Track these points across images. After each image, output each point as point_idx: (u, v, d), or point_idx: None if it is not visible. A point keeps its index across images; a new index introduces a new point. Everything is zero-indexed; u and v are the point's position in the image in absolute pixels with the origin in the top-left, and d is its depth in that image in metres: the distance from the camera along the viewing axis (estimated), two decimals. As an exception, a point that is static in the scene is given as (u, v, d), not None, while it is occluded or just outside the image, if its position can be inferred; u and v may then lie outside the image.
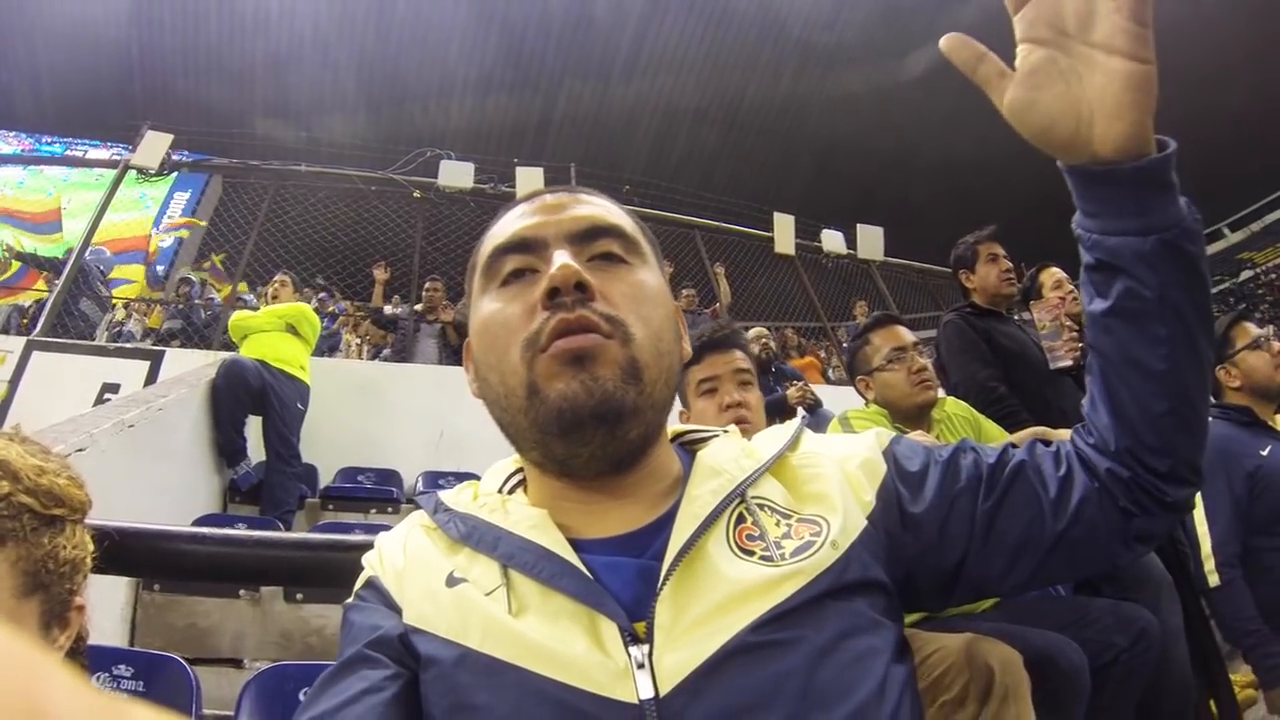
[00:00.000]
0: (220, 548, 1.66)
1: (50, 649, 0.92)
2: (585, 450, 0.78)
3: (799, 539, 0.77)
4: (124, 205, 14.06)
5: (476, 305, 0.88)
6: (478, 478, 4.09)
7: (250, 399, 4.97)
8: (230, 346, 5.80)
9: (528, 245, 0.85)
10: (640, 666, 0.68)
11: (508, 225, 0.89)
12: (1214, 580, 2.56)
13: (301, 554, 1.74)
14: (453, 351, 7.17)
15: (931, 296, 10.63)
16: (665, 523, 0.78)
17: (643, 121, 22.04)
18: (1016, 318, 3.67)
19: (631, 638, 0.70)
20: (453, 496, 0.89)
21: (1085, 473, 0.83)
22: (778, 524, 0.79)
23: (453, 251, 8.69)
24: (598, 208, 0.89)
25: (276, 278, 6.02)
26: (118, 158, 9.47)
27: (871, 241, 10.06)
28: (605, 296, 0.81)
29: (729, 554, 0.75)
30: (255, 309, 6.34)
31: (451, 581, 0.78)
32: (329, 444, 5.78)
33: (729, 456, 0.85)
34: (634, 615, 0.71)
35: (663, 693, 0.67)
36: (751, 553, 0.75)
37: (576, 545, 0.77)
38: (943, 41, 0.81)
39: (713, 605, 0.71)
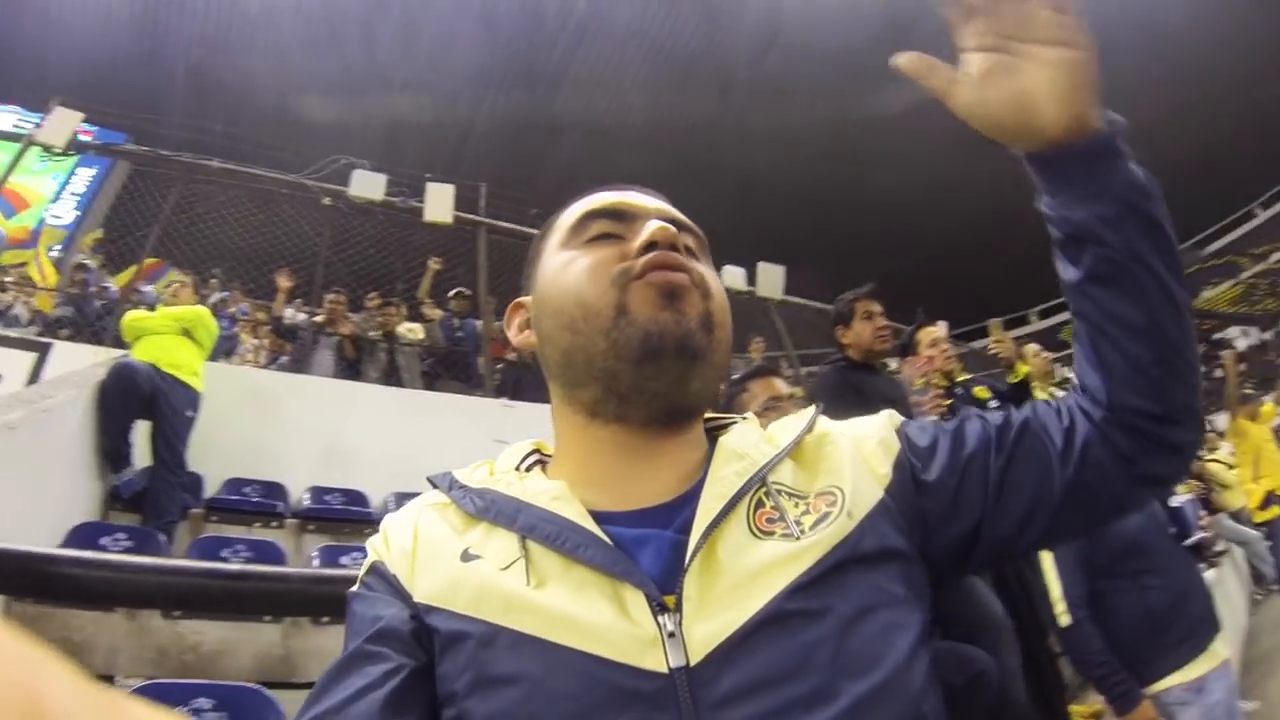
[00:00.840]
0: (106, 573, 1.75)
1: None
2: (654, 384, 0.80)
3: (817, 513, 0.78)
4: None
5: (554, 256, 0.90)
6: (363, 495, 4.30)
7: (139, 404, 4.90)
8: (122, 343, 5.66)
9: (620, 214, 0.89)
10: (671, 635, 0.69)
11: (597, 198, 0.92)
12: (1065, 621, 2.81)
13: (181, 580, 1.85)
14: (349, 365, 7.18)
15: (829, 337, 10.92)
16: (689, 500, 0.79)
17: (562, 143, 22.17)
18: (892, 369, 3.91)
19: (660, 607, 0.70)
20: (467, 474, 0.89)
21: (1086, 421, 0.84)
22: (796, 505, 0.80)
23: (357, 263, 8.61)
24: (675, 209, 0.94)
25: (176, 278, 5.96)
26: (21, 126, 9.17)
27: (771, 280, 10.25)
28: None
29: (750, 535, 0.76)
30: (152, 306, 6.25)
31: (466, 558, 0.77)
32: (218, 450, 5.71)
33: (750, 442, 0.86)
34: (662, 587, 0.72)
35: (693, 662, 0.68)
36: (772, 533, 0.76)
37: (597, 517, 0.78)
38: (897, 59, 0.86)
39: (739, 579, 0.72)
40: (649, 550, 0.75)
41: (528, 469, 0.91)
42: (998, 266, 24.91)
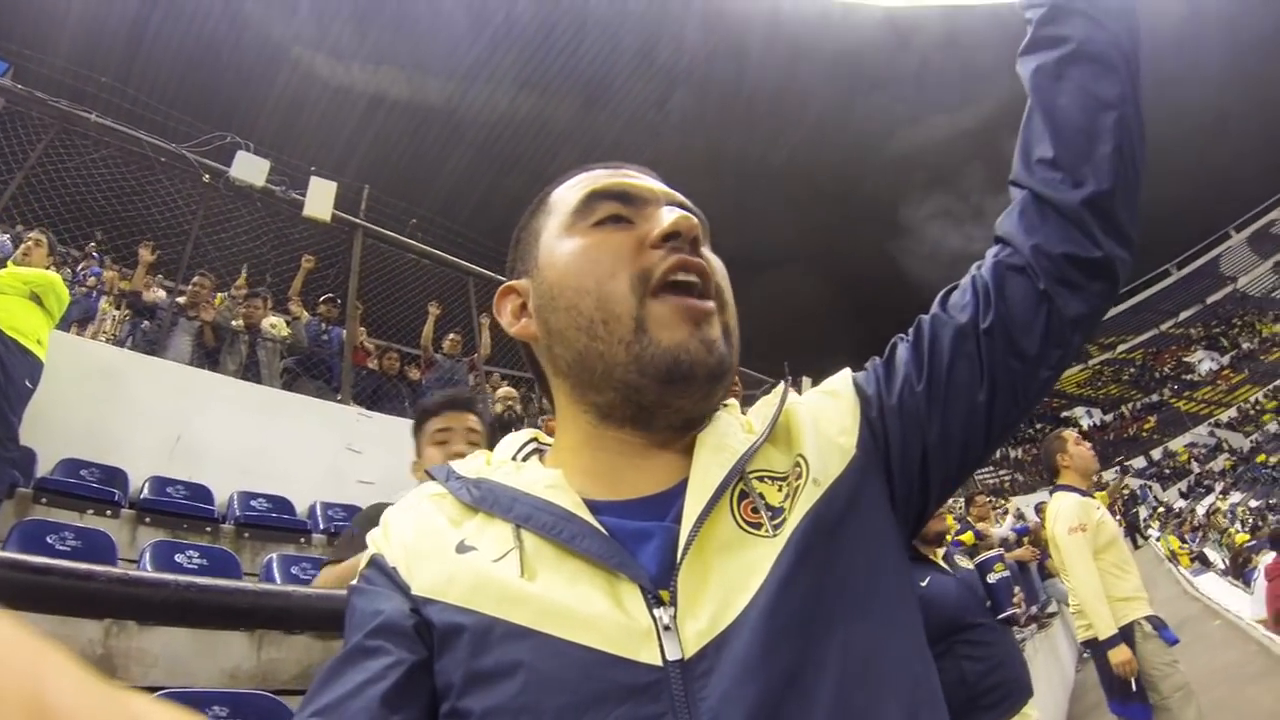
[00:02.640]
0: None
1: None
2: (679, 402, 0.80)
3: (793, 491, 0.78)
4: None
5: (560, 241, 0.87)
6: (208, 490, 4.18)
7: (-29, 367, 4.54)
8: None
9: (630, 197, 0.87)
10: (666, 629, 0.68)
11: (600, 177, 0.90)
12: None
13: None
14: (206, 354, 6.93)
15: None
16: (678, 493, 0.78)
17: (451, 159, 21.84)
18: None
19: (655, 600, 0.70)
20: (464, 465, 0.88)
21: (995, 273, 0.87)
22: (779, 489, 0.79)
23: (227, 247, 8.36)
24: (676, 193, 0.91)
25: (30, 236, 5.60)
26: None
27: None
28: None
29: (737, 528, 0.75)
30: (3, 262, 5.84)
31: (461, 549, 0.76)
32: (57, 426, 5.43)
33: (730, 432, 0.84)
34: (658, 581, 0.71)
35: (687, 655, 0.67)
36: (758, 524, 0.75)
37: (592, 506, 0.77)
38: None
39: (729, 573, 0.72)
40: (646, 543, 0.75)
41: (524, 458, 0.90)
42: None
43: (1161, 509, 27.39)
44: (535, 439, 0.94)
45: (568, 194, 0.89)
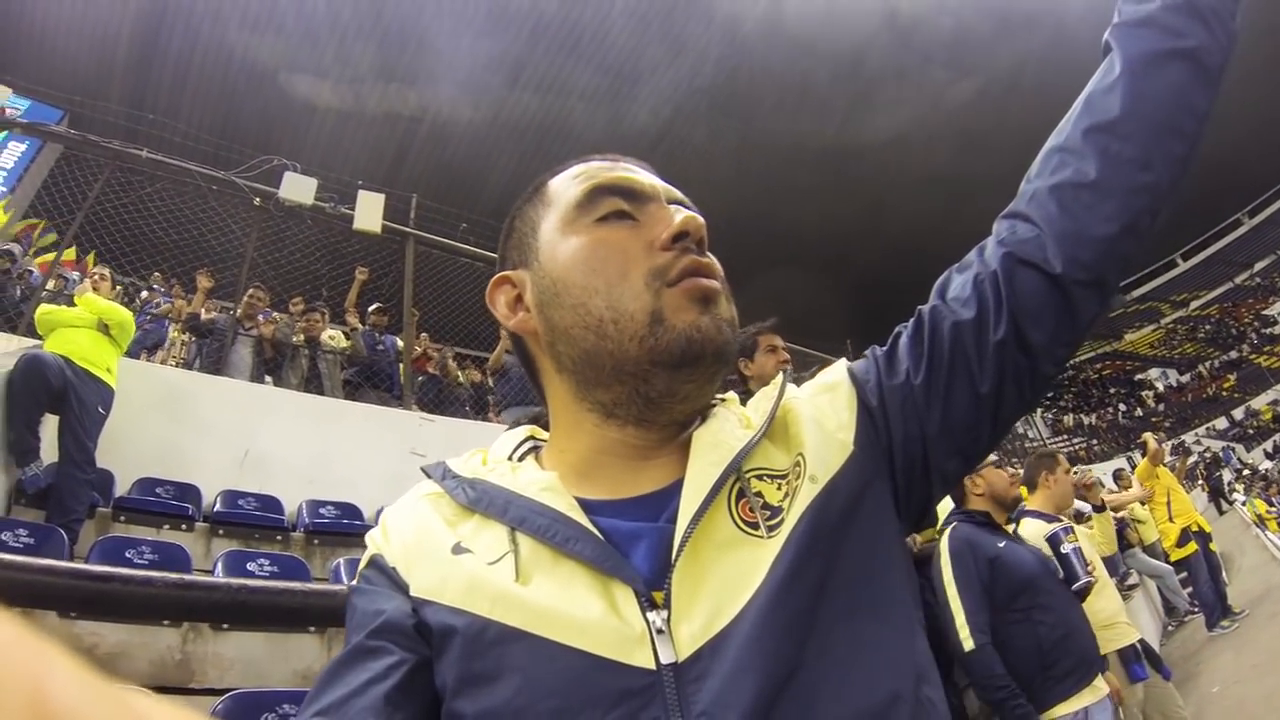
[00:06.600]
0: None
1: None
2: (686, 387, 0.80)
3: (792, 489, 0.78)
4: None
5: (562, 238, 0.85)
6: (278, 501, 4.29)
7: (49, 398, 4.82)
8: (37, 334, 5.46)
9: (633, 193, 0.86)
10: (660, 632, 0.68)
11: (601, 170, 0.89)
12: (969, 645, 2.99)
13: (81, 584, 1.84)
14: (267, 366, 7.12)
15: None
16: (673, 492, 0.77)
17: (501, 160, 22.01)
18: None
19: (649, 603, 0.69)
20: (460, 463, 0.87)
21: (1004, 265, 0.84)
22: (779, 487, 0.78)
23: (282, 266, 8.54)
24: (673, 188, 0.91)
25: (95, 271, 5.84)
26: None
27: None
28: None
29: (735, 528, 0.74)
30: (71, 296, 6.09)
31: (457, 550, 0.76)
32: (131, 449, 5.67)
33: (726, 429, 0.83)
34: (651, 583, 0.71)
35: (681, 659, 0.67)
36: (756, 524, 0.74)
37: (587, 507, 0.77)
38: None
39: (725, 575, 0.71)
40: (640, 545, 0.74)
41: (520, 458, 0.89)
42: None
43: (1246, 471, 26.42)
44: (532, 436, 0.94)
45: (568, 186, 0.88)
